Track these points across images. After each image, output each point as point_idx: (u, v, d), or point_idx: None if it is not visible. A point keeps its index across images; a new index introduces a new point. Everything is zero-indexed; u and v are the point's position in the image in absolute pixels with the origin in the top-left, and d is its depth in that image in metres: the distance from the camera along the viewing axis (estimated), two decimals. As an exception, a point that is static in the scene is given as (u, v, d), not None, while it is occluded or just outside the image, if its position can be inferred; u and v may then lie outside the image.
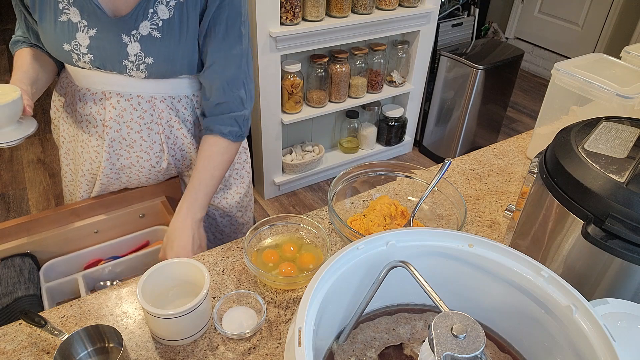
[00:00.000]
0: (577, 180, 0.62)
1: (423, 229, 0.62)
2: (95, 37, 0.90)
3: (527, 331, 0.60)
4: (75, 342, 0.71)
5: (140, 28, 0.90)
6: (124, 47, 0.91)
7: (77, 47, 0.91)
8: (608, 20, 3.46)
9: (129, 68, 0.93)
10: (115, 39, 0.90)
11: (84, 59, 0.92)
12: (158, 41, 0.91)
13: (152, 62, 0.93)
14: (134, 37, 0.90)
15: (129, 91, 0.98)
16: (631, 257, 0.58)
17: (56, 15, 0.89)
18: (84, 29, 0.90)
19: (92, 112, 1.00)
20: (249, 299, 0.81)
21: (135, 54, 0.91)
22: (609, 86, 1.01)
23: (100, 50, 0.91)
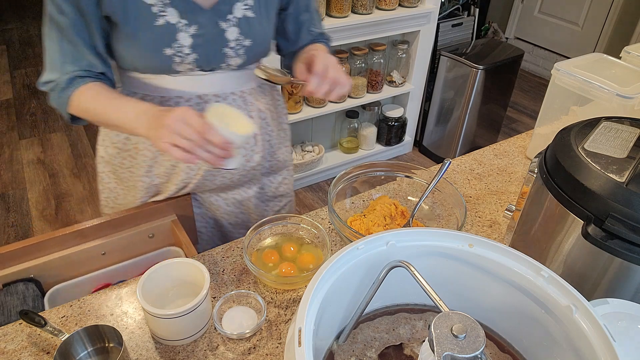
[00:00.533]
0: (577, 180, 0.62)
1: (423, 229, 0.62)
2: (197, 35, 0.87)
3: (527, 331, 0.60)
4: (75, 342, 0.71)
5: (235, 11, 0.89)
6: (222, 34, 0.89)
7: (180, 48, 0.86)
8: (608, 20, 3.46)
9: (229, 55, 0.92)
10: (215, 30, 0.88)
11: (187, 60, 0.88)
12: (253, 20, 0.91)
13: (250, 44, 0.92)
14: (230, 22, 0.89)
15: (224, 90, 0.97)
16: (631, 257, 0.58)
17: (152, 20, 0.83)
18: (185, 29, 0.86)
19: None
20: (249, 299, 0.81)
21: (235, 39, 0.90)
22: (609, 86, 1.01)
23: (203, 47, 0.88)
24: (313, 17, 1.05)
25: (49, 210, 2.53)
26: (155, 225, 1.07)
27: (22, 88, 3.65)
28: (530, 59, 4.14)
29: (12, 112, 3.36)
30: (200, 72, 0.92)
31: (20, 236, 2.36)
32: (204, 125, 0.74)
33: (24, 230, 2.40)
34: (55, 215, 2.50)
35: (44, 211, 2.52)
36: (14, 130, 3.16)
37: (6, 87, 3.65)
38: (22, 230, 2.39)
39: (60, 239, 0.98)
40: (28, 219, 2.46)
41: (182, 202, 1.09)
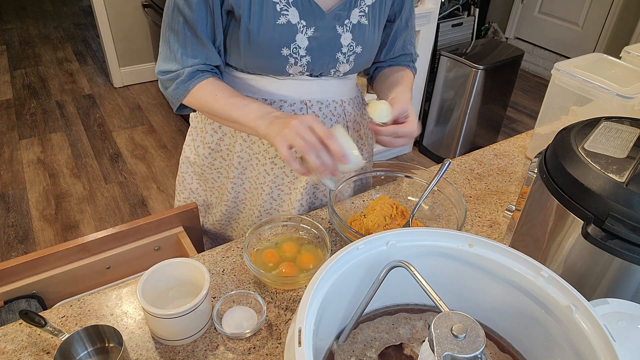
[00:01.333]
0: (577, 180, 0.62)
1: (423, 229, 0.62)
2: (313, 37, 0.87)
3: (527, 331, 0.60)
4: (75, 342, 0.71)
5: (352, 17, 0.89)
6: (338, 39, 0.89)
7: (296, 50, 0.86)
8: (608, 20, 3.46)
9: (340, 61, 0.92)
10: (331, 33, 0.88)
11: (301, 62, 0.88)
12: (365, 28, 0.91)
13: (360, 51, 0.92)
14: (346, 27, 0.89)
15: (326, 97, 0.97)
16: (631, 257, 0.58)
17: (274, 18, 0.83)
18: (303, 30, 0.85)
19: None
20: (249, 299, 0.81)
21: (348, 44, 0.90)
22: (609, 86, 1.01)
23: (318, 50, 0.88)
24: (410, 34, 1.05)
25: (49, 210, 2.53)
26: (162, 238, 1.05)
27: (22, 88, 3.65)
28: (530, 59, 4.14)
29: (12, 112, 3.36)
30: (307, 77, 0.93)
31: (20, 236, 2.36)
32: (327, 133, 0.76)
33: (24, 230, 2.40)
34: (55, 215, 2.50)
35: (44, 211, 2.52)
36: (14, 130, 3.16)
37: (6, 87, 3.65)
38: (22, 230, 2.39)
39: (63, 254, 0.95)
40: (28, 219, 2.47)
41: (189, 213, 1.07)
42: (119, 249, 1.01)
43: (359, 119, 1.07)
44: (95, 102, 3.53)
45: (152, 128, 3.27)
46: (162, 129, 3.27)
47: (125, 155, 2.99)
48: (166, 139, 3.15)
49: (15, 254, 2.27)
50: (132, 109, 3.48)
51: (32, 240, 2.35)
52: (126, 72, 3.73)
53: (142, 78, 3.81)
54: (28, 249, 2.29)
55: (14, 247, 2.31)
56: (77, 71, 3.97)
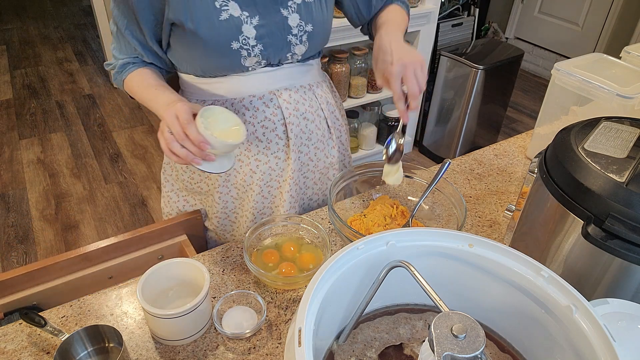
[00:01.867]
0: (577, 180, 0.62)
1: (423, 229, 0.62)
2: (260, 25, 0.87)
3: (527, 331, 0.60)
4: (75, 342, 0.71)
5: None
6: (285, 21, 0.90)
7: (246, 41, 0.87)
8: (608, 20, 3.46)
9: (293, 43, 0.92)
10: (277, 17, 0.89)
11: (254, 52, 0.89)
12: (311, 5, 0.92)
13: (311, 30, 0.93)
14: (291, 8, 0.90)
15: (293, 83, 0.98)
16: (631, 257, 0.58)
17: (215, 16, 0.84)
18: (248, 20, 0.86)
19: (267, 116, 0.96)
20: (249, 299, 0.81)
21: (297, 25, 0.91)
22: (609, 86, 1.01)
23: (268, 36, 0.89)
24: None
25: (49, 210, 2.53)
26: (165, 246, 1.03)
27: (22, 88, 3.65)
28: (530, 59, 4.14)
29: (12, 112, 3.36)
30: (268, 67, 0.94)
31: (20, 236, 2.36)
32: (186, 120, 0.75)
33: (24, 230, 2.40)
34: (55, 215, 2.50)
35: (44, 211, 2.52)
36: (14, 130, 3.16)
37: (6, 87, 3.65)
38: (22, 230, 2.39)
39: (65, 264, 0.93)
40: (28, 219, 2.46)
41: (193, 221, 1.06)
42: (121, 258, 0.99)
43: (332, 100, 1.08)
44: (95, 102, 3.53)
45: (152, 128, 3.27)
46: (162, 129, 3.26)
47: (125, 155, 2.99)
48: (166, 139, 3.15)
49: (15, 254, 2.27)
50: (132, 108, 3.48)
51: (32, 240, 2.34)
52: (126, 72, 3.72)
53: (142, 78, 3.80)
54: (28, 249, 2.29)
55: (14, 247, 2.30)
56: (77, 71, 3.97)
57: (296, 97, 0.99)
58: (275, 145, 0.99)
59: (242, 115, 0.96)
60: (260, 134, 0.97)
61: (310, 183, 1.08)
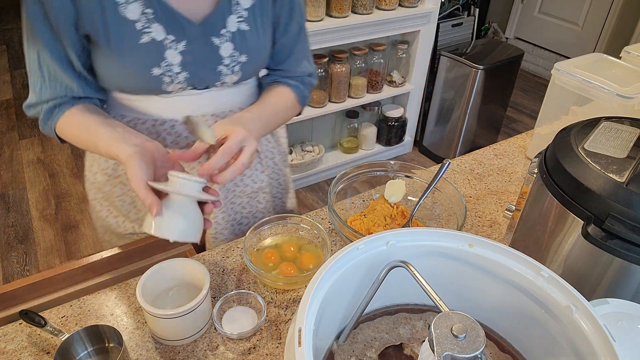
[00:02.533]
0: (577, 180, 0.62)
1: (423, 229, 0.62)
2: (186, 51, 0.79)
3: (527, 331, 0.60)
4: (75, 342, 0.71)
5: (229, 25, 0.81)
6: (216, 51, 0.82)
7: (169, 67, 0.79)
8: (608, 20, 3.46)
9: (224, 73, 0.84)
10: (207, 46, 0.81)
11: (177, 79, 0.81)
12: (248, 34, 0.84)
13: (246, 60, 0.85)
14: (224, 37, 0.82)
15: (221, 109, 0.90)
16: (631, 257, 0.58)
17: (136, 38, 0.76)
18: (172, 45, 0.78)
19: (190, 143, 0.89)
20: (249, 299, 0.81)
21: (230, 55, 0.83)
22: (609, 86, 1.01)
23: (194, 64, 0.81)
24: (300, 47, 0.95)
25: (49, 210, 2.53)
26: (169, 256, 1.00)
27: (22, 88, 3.65)
28: (530, 59, 4.14)
29: (12, 112, 3.36)
30: (194, 90, 0.85)
31: (20, 236, 2.36)
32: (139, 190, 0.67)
33: (24, 230, 2.40)
34: (55, 215, 2.50)
35: (44, 211, 2.52)
36: (14, 130, 3.16)
37: (6, 87, 3.65)
38: (22, 230, 2.39)
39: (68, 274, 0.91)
40: (28, 219, 2.47)
41: None
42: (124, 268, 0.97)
43: None
44: (95, 102, 3.53)
45: (152, 128, 3.27)
46: (162, 129, 3.26)
47: (125, 155, 2.98)
48: (166, 139, 3.15)
49: (15, 254, 2.27)
50: (132, 109, 3.48)
51: (32, 240, 2.35)
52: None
53: (142, 78, 3.81)
54: (28, 249, 2.29)
55: (14, 247, 2.31)
56: (77, 71, 3.97)
57: None
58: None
59: (163, 140, 0.88)
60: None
61: (239, 208, 1.02)
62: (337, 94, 2.51)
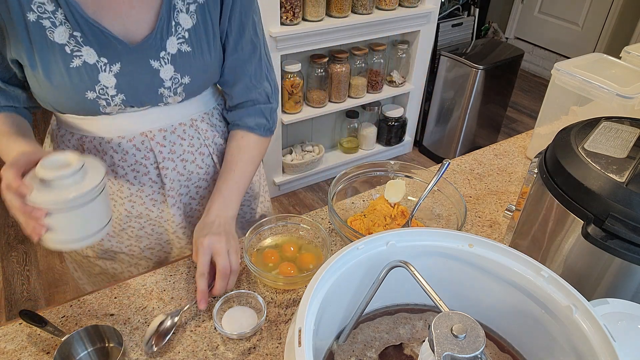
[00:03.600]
0: (577, 180, 0.62)
1: (423, 229, 0.62)
2: (121, 73, 0.76)
3: (527, 331, 0.60)
4: (75, 342, 0.71)
5: (168, 47, 0.78)
6: (156, 74, 0.78)
7: (104, 90, 0.76)
8: (608, 20, 3.46)
9: (166, 96, 0.81)
10: (144, 69, 0.77)
11: (114, 101, 0.78)
12: (189, 55, 0.80)
13: (188, 82, 0.82)
14: (164, 60, 0.78)
15: (169, 122, 0.87)
16: (631, 257, 0.58)
17: (66, 62, 0.73)
18: (105, 68, 0.75)
19: (138, 159, 0.86)
20: (249, 299, 0.81)
21: (171, 78, 0.80)
22: (609, 86, 1.01)
23: (131, 86, 0.78)
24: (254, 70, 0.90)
25: (49, 210, 2.52)
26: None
27: (22, 88, 3.65)
28: (530, 59, 4.15)
29: (12, 112, 3.36)
30: (135, 109, 0.82)
31: (20, 236, 2.36)
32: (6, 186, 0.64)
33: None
34: (55, 215, 2.50)
35: (44, 211, 2.52)
36: (14, 130, 3.15)
37: (6, 87, 3.65)
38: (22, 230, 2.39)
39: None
40: (28, 219, 2.46)
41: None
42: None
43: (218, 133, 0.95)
44: (95, 102, 3.53)
45: (152, 128, 3.27)
46: (162, 129, 3.26)
47: (125, 155, 2.98)
48: (166, 139, 3.15)
49: (15, 254, 2.27)
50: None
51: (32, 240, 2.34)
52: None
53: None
54: (28, 249, 2.29)
55: (14, 247, 2.31)
56: (77, 71, 3.96)
57: (172, 139, 0.87)
58: (149, 188, 0.89)
59: (111, 158, 0.85)
60: (132, 177, 0.87)
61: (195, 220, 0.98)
62: (337, 94, 2.51)
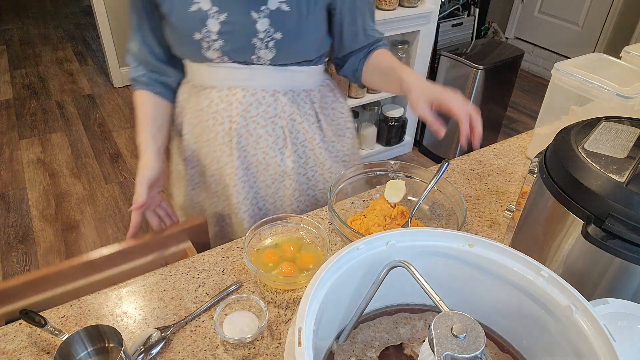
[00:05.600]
0: (577, 180, 0.62)
1: (423, 229, 0.62)
2: (225, 22, 0.90)
3: (527, 331, 0.60)
4: (75, 342, 0.71)
5: (269, 2, 0.90)
6: (253, 24, 0.90)
7: (208, 34, 0.91)
8: (608, 20, 3.46)
9: (258, 47, 0.93)
10: (244, 19, 0.90)
11: (213, 46, 0.92)
12: (287, 14, 0.91)
13: (280, 38, 0.92)
14: (262, 13, 0.90)
15: (253, 85, 0.99)
16: (631, 257, 0.58)
17: (186, 6, 0.90)
18: (215, 15, 0.90)
19: (218, 110, 1.01)
20: (249, 303, 0.81)
21: (265, 30, 0.91)
22: (609, 86, 1.01)
23: (230, 34, 0.91)
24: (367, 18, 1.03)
25: (49, 210, 2.53)
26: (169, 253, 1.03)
27: (22, 88, 3.65)
28: (530, 59, 4.14)
29: (12, 112, 3.36)
30: (235, 64, 0.96)
31: (20, 236, 2.36)
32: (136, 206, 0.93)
33: (24, 230, 2.40)
34: (55, 215, 2.50)
35: (44, 211, 2.52)
36: (14, 130, 3.16)
37: (6, 87, 3.65)
38: (22, 230, 2.39)
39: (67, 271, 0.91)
40: (28, 219, 2.46)
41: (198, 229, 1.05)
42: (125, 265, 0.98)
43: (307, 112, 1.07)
44: (95, 102, 3.53)
45: (152, 128, 3.27)
46: (162, 129, 3.26)
47: (125, 155, 2.99)
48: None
49: (15, 254, 2.27)
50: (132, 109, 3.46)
51: (32, 240, 2.35)
52: (126, 72, 3.73)
53: (142, 78, 3.80)
54: (28, 249, 2.29)
55: (14, 247, 2.31)
56: (77, 71, 3.97)
57: (251, 100, 1.00)
58: (221, 138, 1.03)
59: (201, 103, 1.02)
60: (211, 124, 1.02)
61: (262, 185, 1.08)
62: (337, 94, 2.51)
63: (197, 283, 0.86)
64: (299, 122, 1.05)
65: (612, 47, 3.47)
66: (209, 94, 1.00)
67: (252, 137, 1.02)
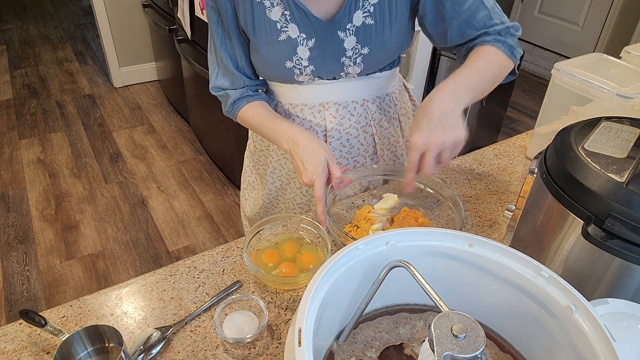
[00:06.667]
0: (577, 180, 0.62)
1: (423, 229, 0.62)
2: (314, 47, 0.91)
3: (527, 331, 0.60)
4: (75, 342, 0.71)
5: (354, 19, 0.89)
6: (341, 43, 0.91)
7: (299, 61, 0.92)
8: (608, 20, 3.46)
9: (347, 64, 0.94)
10: (332, 40, 0.91)
11: (305, 72, 0.94)
12: (372, 28, 0.90)
13: (367, 52, 0.93)
14: (349, 31, 0.90)
15: (344, 98, 1.01)
16: (631, 257, 0.58)
17: (275, 35, 0.90)
18: (304, 42, 0.90)
19: (312, 125, 1.03)
20: (249, 303, 0.81)
21: (352, 47, 0.91)
22: (609, 86, 1.01)
23: (320, 59, 0.92)
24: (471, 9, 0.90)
25: (49, 210, 2.53)
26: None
27: (22, 88, 3.65)
28: (530, 59, 4.14)
29: (12, 112, 3.36)
30: (323, 80, 0.97)
31: (20, 236, 2.36)
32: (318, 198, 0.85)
33: (24, 230, 2.40)
34: (55, 215, 2.50)
35: (43, 211, 2.52)
36: (14, 130, 3.16)
37: (6, 87, 3.65)
38: (22, 230, 2.39)
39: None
40: (28, 219, 2.46)
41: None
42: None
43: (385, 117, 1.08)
44: (95, 102, 3.53)
45: (152, 128, 3.27)
46: (162, 129, 3.27)
47: (125, 155, 2.99)
48: (166, 139, 3.16)
49: (15, 253, 2.27)
50: (132, 109, 3.48)
51: (32, 240, 2.35)
52: (126, 72, 3.73)
53: (142, 78, 3.81)
54: (28, 249, 2.29)
55: (14, 247, 2.31)
56: (77, 71, 3.97)
57: (343, 113, 1.02)
58: None
59: (293, 120, 1.03)
60: None
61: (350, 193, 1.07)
62: (337, 94, 2.51)
63: (197, 283, 0.86)
64: (386, 127, 1.09)
65: (612, 47, 3.47)
66: (301, 112, 1.02)
67: (345, 148, 1.05)
